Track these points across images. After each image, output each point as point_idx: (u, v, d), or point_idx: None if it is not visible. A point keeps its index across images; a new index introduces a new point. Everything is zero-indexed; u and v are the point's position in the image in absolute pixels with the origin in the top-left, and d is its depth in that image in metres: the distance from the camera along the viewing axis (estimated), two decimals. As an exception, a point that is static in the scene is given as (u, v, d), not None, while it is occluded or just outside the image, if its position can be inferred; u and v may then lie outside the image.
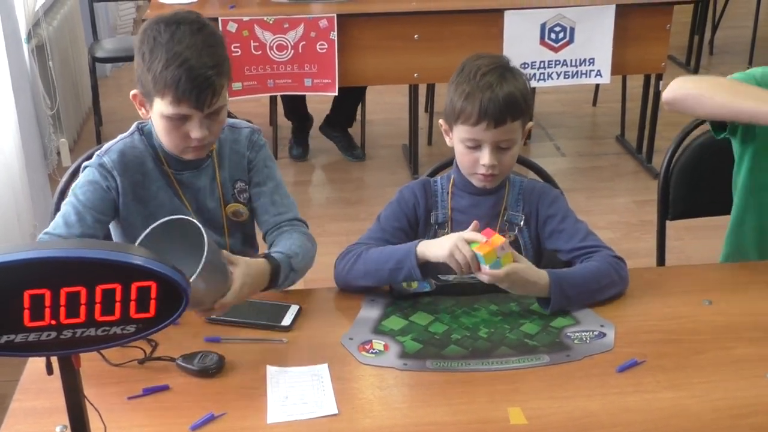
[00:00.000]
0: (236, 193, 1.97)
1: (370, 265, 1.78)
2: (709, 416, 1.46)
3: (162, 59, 1.71)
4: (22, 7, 3.78)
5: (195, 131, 1.77)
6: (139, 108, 1.84)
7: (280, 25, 3.79)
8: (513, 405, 1.48)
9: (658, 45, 4.06)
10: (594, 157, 4.58)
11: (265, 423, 1.45)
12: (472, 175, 1.86)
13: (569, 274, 1.77)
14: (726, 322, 1.72)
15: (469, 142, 1.81)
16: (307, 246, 1.92)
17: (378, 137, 4.73)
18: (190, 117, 1.76)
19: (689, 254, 3.48)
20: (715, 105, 1.90)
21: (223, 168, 1.94)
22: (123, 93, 4.89)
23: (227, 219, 1.97)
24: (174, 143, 1.82)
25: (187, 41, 1.72)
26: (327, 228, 3.78)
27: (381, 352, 1.64)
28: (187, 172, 1.91)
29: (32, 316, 1.02)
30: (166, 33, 1.73)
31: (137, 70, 1.78)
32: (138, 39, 1.79)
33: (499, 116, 1.76)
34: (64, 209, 1.81)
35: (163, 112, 1.76)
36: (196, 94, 1.72)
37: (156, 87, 1.73)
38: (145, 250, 1.06)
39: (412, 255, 1.73)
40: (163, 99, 1.74)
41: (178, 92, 1.72)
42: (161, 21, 1.76)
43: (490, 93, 1.76)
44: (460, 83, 1.81)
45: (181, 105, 1.73)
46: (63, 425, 1.41)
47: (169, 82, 1.71)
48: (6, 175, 3.23)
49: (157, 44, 1.73)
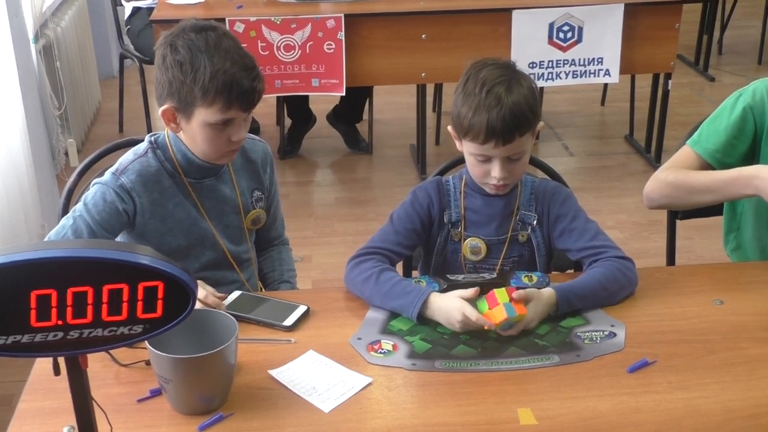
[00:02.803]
0: (254, 201, 1.99)
1: (375, 297, 1.75)
2: (721, 417, 1.45)
3: (207, 67, 1.70)
4: (30, 8, 3.78)
5: (237, 134, 1.78)
6: (168, 124, 1.81)
7: (288, 25, 3.78)
8: (522, 405, 1.47)
9: (667, 44, 4.04)
10: (602, 156, 4.56)
11: (274, 422, 1.44)
12: (484, 184, 1.85)
13: (576, 286, 1.75)
14: (738, 322, 1.71)
15: (479, 156, 1.80)
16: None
17: (386, 137, 4.72)
18: (233, 120, 1.76)
19: (699, 253, 3.46)
20: (695, 201, 2.05)
21: (240, 176, 1.96)
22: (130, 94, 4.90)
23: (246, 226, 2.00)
24: (216, 149, 1.81)
25: (223, 47, 1.72)
26: (335, 228, 3.78)
27: (390, 352, 1.63)
28: (207, 180, 1.90)
29: (39, 316, 1.01)
30: (200, 41, 1.72)
31: (171, 84, 1.74)
32: (166, 52, 1.75)
33: (507, 135, 1.74)
34: (76, 224, 1.78)
35: (208, 120, 1.74)
36: (247, 98, 1.74)
37: (205, 96, 1.71)
38: (152, 250, 1.05)
39: (415, 311, 1.69)
40: (211, 107, 1.72)
41: (231, 98, 1.72)
42: (188, 30, 1.74)
43: (497, 111, 1.72)
44: (467, 96, 1.78)
45: (230, 110, 1.74)
46: (70, 426, 1.41)
47: (221, 90, 1.70)
48: (14, 175, 3.23)
49: (195, 54, 1.71)
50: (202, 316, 1.53)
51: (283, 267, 2.11)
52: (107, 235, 1.80)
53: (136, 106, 4.68)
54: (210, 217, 1.91)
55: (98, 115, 5.06)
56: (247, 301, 1.77)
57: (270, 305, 1.76)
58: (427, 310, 1.69)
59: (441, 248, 1.94)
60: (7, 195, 3.10)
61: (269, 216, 2.06)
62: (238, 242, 1.98)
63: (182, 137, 1.84)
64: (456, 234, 1.92)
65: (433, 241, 1.93)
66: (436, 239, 1.93)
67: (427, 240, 1.94)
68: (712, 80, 5.54)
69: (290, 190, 4.13)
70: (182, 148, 1.85)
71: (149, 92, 4.55)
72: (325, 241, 3.66)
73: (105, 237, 1.79)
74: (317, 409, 1.47)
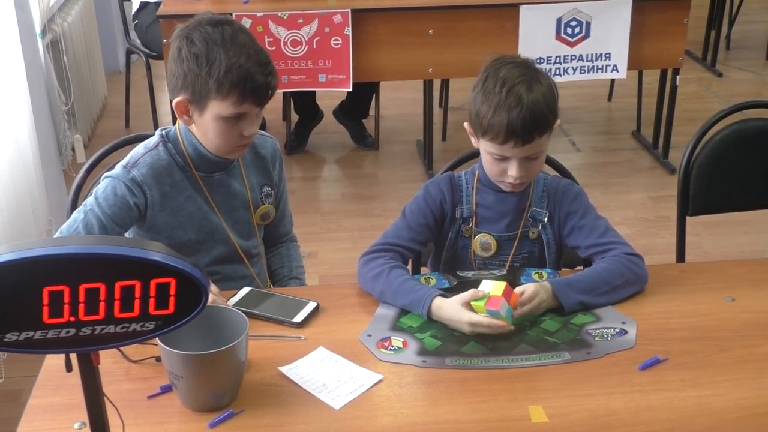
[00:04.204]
0: (263, 197, 1.99)
1: (387, 294, 1.75)
2: (733, 415, 1.44)
3: (223, 61, 1.70)
4: (37, 3, 3.78)
5: (249, 128, 1.79)
6: (180, 116, 1.81)
7: (295, 20, 3.77)
8: (534, 403, 1.47)
9: (675, 39, 4.02)
10: (609, 152, 4.55)
11: (285, 419, 1.44)
12: (500, 182, 1.85)
13: (574, 279, 1.74)
14: (749, 320, 1.70)
15: (497, 155, 1.79)
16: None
17: (392, 133, 4.72)
18: (245, 115, 1.76)
19: (707, 250, 3.45)
20: None
21: (250, 171, 1.96)
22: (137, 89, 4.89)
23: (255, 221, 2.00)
24: (227, 143, 1.81)
25: (239, 42, 1.72)
26: (342, 224, 3.77)
27: (400, 349, 1.62)
28: (217, 174, 1.90)
29: (51, 312, 1.01)
30: (216, 35, 1.72)
31: (186, 76, 1.74)
32: (182, 44, 1.75)
33: (527, 136, 1.73)
34: (87, 218, 1.78)
35: (221, 113, 1.74)
36: (261, 93, 1.74)
37: (219, 89, 1.71)
38: (164, 246, 1.05)
39: (425, 309, 1.69)
40: (225, 100, 1.73)
41: (245, 92, 1.72)
42: (204, 23, 1.74)
43: (517, 111, 1.71)
44: (486, 95, 1.76)
45: (243, 104, 1.74)
46: (81, 422, 1.41)
47: (235, 83, 1.71)
48: (22, 170, 3.23)
49: (211, 47, 1.71)
50: (213, 312, 1.52)
51: (291, 264, 2.11)
52: (118, 230, 1.80)
53: (143, 101, 4.68)
54: (220, 212, 1.91)
55: (104, 111, 5.06)
56: (256, 297, 1.77)
57: (279, 302, 1.76)
58: (432, 315, 1.69)
59: (451, 243, 1.93)
60: (15, 190, 3.10)
61: (278, 212, 2.06)
62: (247, 237, 1.98)
63: (194, 130, 1.83)
64: (467, 230, 1.91)
65: (444, 237, 1.93)
66: (447, 234, 1.92)
67: (439, 235, 1.93)
68: (720, 76, 5.52)
69: (297, 186, 4.12)
70: (193, 141, 1.84)
71: (156, 87, 4.54)
72: (331, 237, 3.65)
73: (116, 231, 1.79)
74: (327, 406, 1.47)
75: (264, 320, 1.70)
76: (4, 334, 1.02)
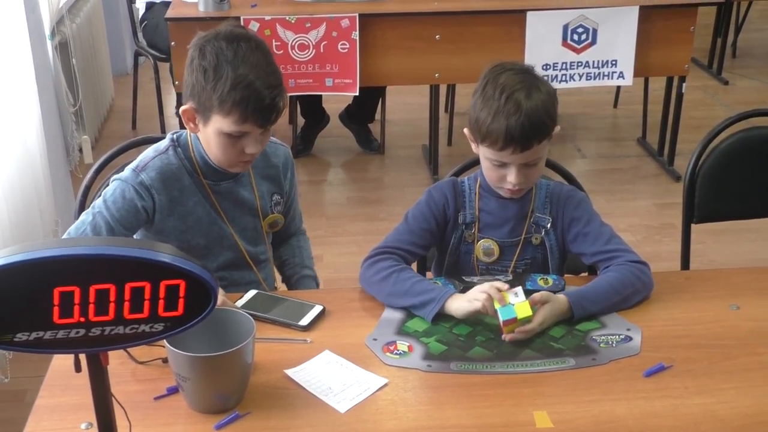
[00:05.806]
0: (273, 205, 1.99)
1: (395, 295, 1.76)
2: (737, 422, 1.44)
3: (229, 79, 1.70)
4: (47, 4, 3.79)
5: (251, 147, 1.79)
6: (187, 122, 1.82)
7: (302, 24, 3.78)
8: (538, 408, 1.47)
9: (682, 47, 4.02)
10: (615, 159, 4.55)
11: (290, 422, 1.44)
12: (499, 188, 1.85)
13: (589, 291, 1.75)
14: (754, 327, 1.70)
15: (496, 162, 1.80)
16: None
17: (398, 137, 4.72)
18: (248, 133, 1.77)
19: (712, 258, 3.45)
20: None
21: (260, 180, 1.96)
22: (144, 91, 4.91)
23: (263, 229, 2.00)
24: (228, 158, 1.82)
25: (251, 61, 1.72)
26: (347, 228, 3.78)
27: (405, 353, 1.63)
28: (224, 182, 1.90)
29: (61, 313, 1.02)
30: (229, 51, 1.72)
31: (194, 86, 1.75)
32: (195, 54, 1.76)
33: (526, 142, 1.74)
34: (95, 220, 1.79)
35: (223, 129, 1.75)
36: (264, 115, 1.74)
37: (222, 106, 1.72)
38: (174, 248, 1.06)
39: (437, 307, 1.70)
40: (227, 117, 1.73)
41: (247, 112, 1.72)
42: (221, 37, 1.75)
43: (515, 118, 1.72)
44: (485, 101, 1.77)
45: (245, 123, 1.74)
46: (88, 422, 1.42)
47: (238, 102, 1.71)
48: (29, 171, 3.24)
49: (220, 63, 1.71)
50: (219, 315, 1.53)
51: (303, 254, 2.12)
52: (126, 232, 1.81)
53: (150, 103, 4.69)
54: (228, 219, 1.92)
55: (111, 112, 5.07)
56: (263, 300, 1.78)
57: (286, 305, 1.76)
58: (446, 308, 1.70)
59: (454, 249, 1.94)
60: (22, 191, 3.11)
61: (287, 217, 2.06)
62: (255, 243, 1.99)
63: (200, 138, 1.84)
64: (470, 235, 1.92)
65: (446, 242, 1.94)
66: (450, 239, 1.93)
67: (441, 240, 1.94)
68: (726, 83, 5.52)
69: (302, 189, 4.10)
70: (201, 149, 1.85)
71: (163, 90, 4.56)
72: (336, 241, 3.66)
73: (123, 234, 1.80)
74: (333, 410, 1.48)
75: (270, 323, 1.71)
76: (14, 333, 1.03)
